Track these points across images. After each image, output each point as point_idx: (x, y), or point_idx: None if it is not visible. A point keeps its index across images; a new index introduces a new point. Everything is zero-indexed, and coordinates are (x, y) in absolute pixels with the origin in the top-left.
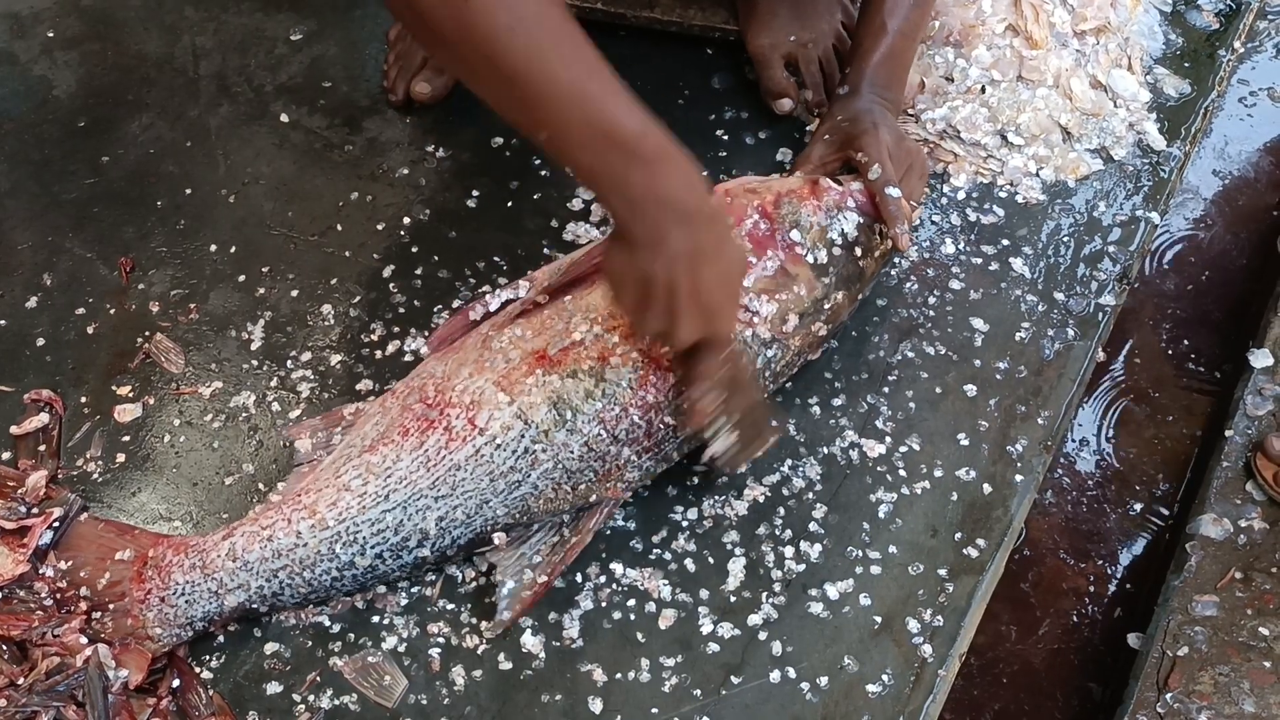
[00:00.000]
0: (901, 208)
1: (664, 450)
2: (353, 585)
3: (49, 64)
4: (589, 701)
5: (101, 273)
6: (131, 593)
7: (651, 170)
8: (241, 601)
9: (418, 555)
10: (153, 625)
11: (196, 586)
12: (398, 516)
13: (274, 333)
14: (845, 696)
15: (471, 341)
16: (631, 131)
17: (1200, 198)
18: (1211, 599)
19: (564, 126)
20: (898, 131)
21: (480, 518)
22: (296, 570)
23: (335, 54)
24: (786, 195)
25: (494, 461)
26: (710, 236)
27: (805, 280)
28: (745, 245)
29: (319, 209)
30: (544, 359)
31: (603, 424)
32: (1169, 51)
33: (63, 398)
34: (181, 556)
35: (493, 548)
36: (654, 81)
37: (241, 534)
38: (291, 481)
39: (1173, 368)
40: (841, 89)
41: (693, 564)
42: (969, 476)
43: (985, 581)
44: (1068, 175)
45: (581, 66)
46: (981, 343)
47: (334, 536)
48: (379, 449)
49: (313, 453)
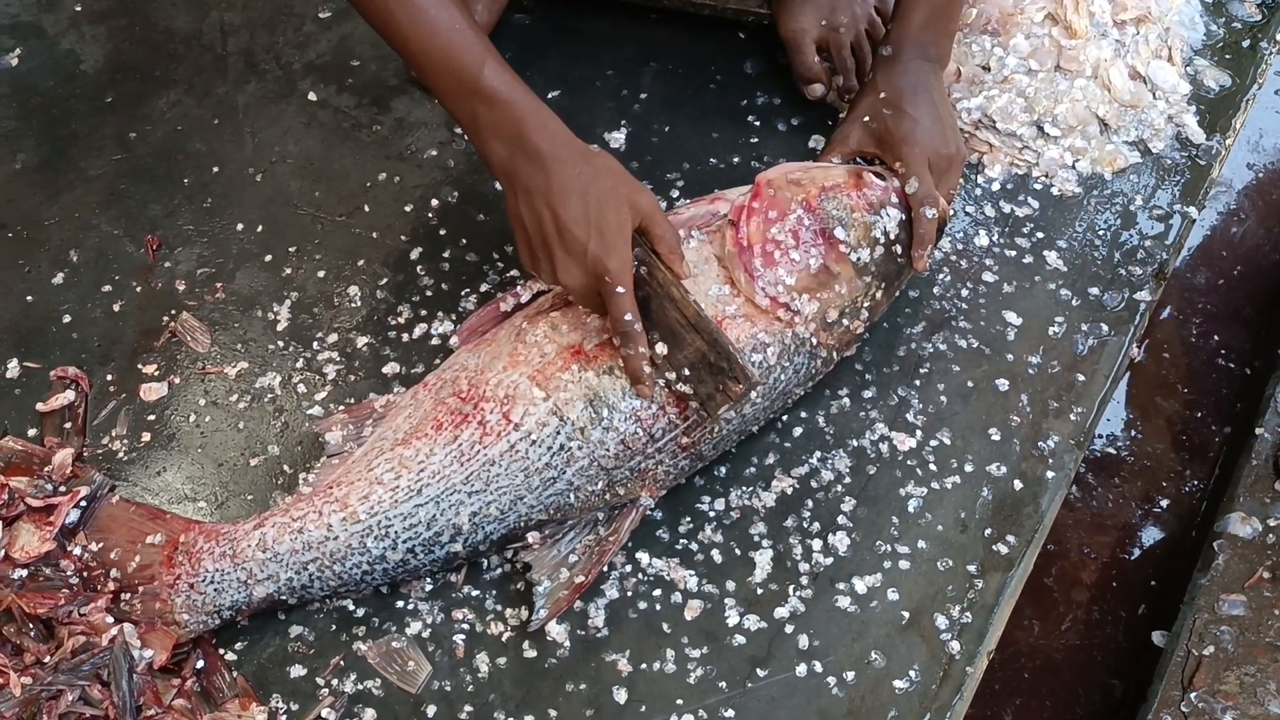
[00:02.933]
0: (930, 231)
1: (700, 449)
2: (382, 579)
3: (77, 38)
4: (613, 691)
5: (128, 250)
6: (161, 576)
7: (499, 113)
8: (270, 593)
9: (450, 550)
10: (180, 611)
11: (226, 575)
12: (430, 511)
13: (300, 313)
14: (872, 692)
15: (504, 333)
16: (475, 76)
17: (1233, 191)
18: (1239, 598)
19: (436, 78)
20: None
21: (514, 514)
22: (327, 563)
23: (364, 32)
24: (831, 190)
25: (529, 458)
26: (570, 174)
27: (847, 279)
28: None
29: (346, 189)
30: (579, 353)
31: (639, 422)
32: (1210, 42)
33: (89, 375)
34: (212, 544)
35: (526, 545)
36: (686, 65)
37: (272, 524)
38: (321, 474)
39: (1202, 363)
40: (884, 49)
41: (719, 555)
42: (1000, 472)
43: (1015, 579)
44: (1104, 168)
45: (442, 24)
46: (1014, 336)
47: (365, 530)
48: (412, 442)
49: (343, 445)
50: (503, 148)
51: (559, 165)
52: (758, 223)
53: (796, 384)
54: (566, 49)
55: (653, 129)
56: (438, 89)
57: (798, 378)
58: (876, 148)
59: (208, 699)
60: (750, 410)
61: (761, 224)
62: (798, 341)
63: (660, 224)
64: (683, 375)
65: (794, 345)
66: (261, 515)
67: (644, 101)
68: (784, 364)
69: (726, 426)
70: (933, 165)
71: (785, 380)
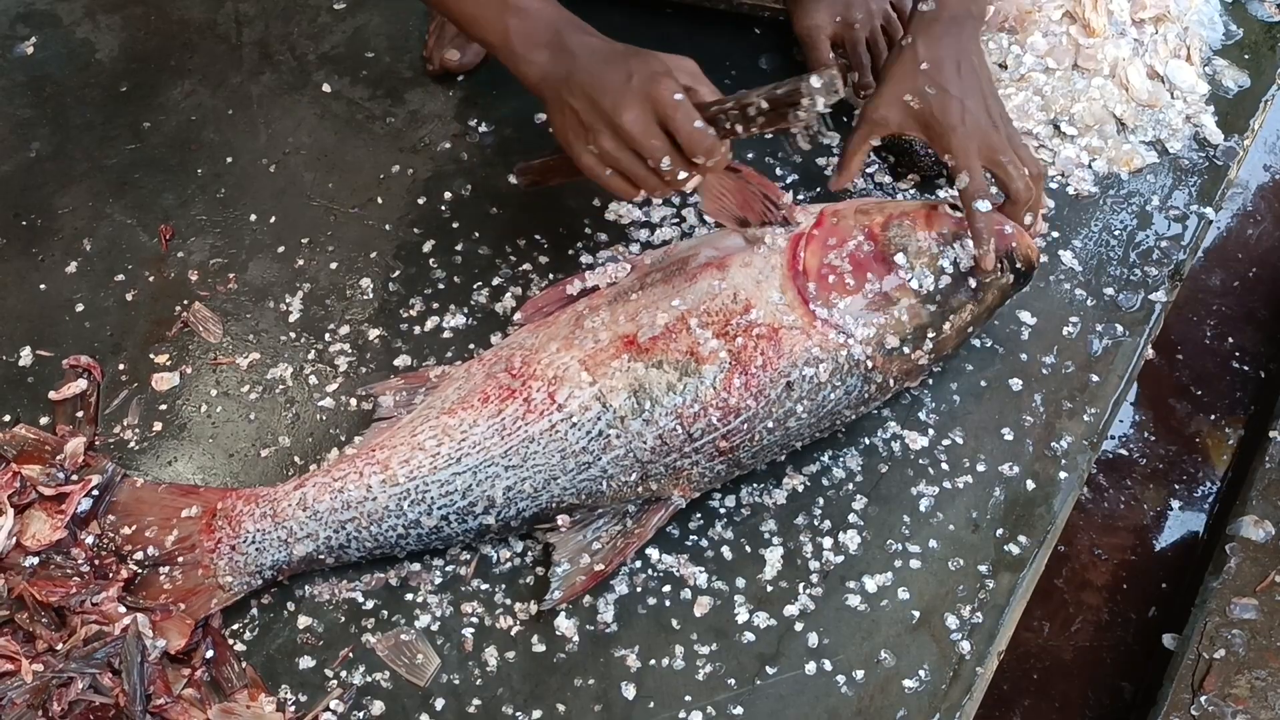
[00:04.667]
0: (988, 225)
1: (738, 455)
2: (417, 544)
3: (92, 27)
4: (622, 687)
5: (141, 240)
6: (202, 544)
7: (532, 22)
8: (310, 551)
9: (482, 522)
10: (224, 573)
11: (267, 534)
12: (467, 481)
13: (312, 305)
14: (881, 691)
15: (565, 317)
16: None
17: (1249, 192)
18: (1250, 602)
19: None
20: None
21: (547, 494)
22: (364, 524)
23: (378, 24)
24: (898, 218)
25: (568, 439)
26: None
27: (908, 306)
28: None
29: (359, 181)
30: (632, 344)
31: (680, 419)
32: (1228, 42)
33: (101, 364)
34: (252, 506)
35: (554, 527)
36: (701, 60)
37: (313, 484)
38: (368, 436)
39: (1216, 365)
40: (925, 4)
41: (730, 552)
42: (1012, 472)
43: (1026, 579)
44: (1121, 167)
45: None
46: (1028, 336)
47: (403, 493)
48: (458, 412)
49: (393, 410)
50: (540, 55)
51: (597, 58)
52: (816, 249)
53: (847, 405)
54: None
55: None
56: (468, 14)
57: (848, 399)
58: (922, 133)
59: (217, 689)
60: (795, 425)
61: (820, 250)
62: (852, 362)
63: (704, 85)
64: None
65: (848, 365)
66: (302, 477)
67: None
68: (834, 383)
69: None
70: (982, 154)
71: (834, 400)
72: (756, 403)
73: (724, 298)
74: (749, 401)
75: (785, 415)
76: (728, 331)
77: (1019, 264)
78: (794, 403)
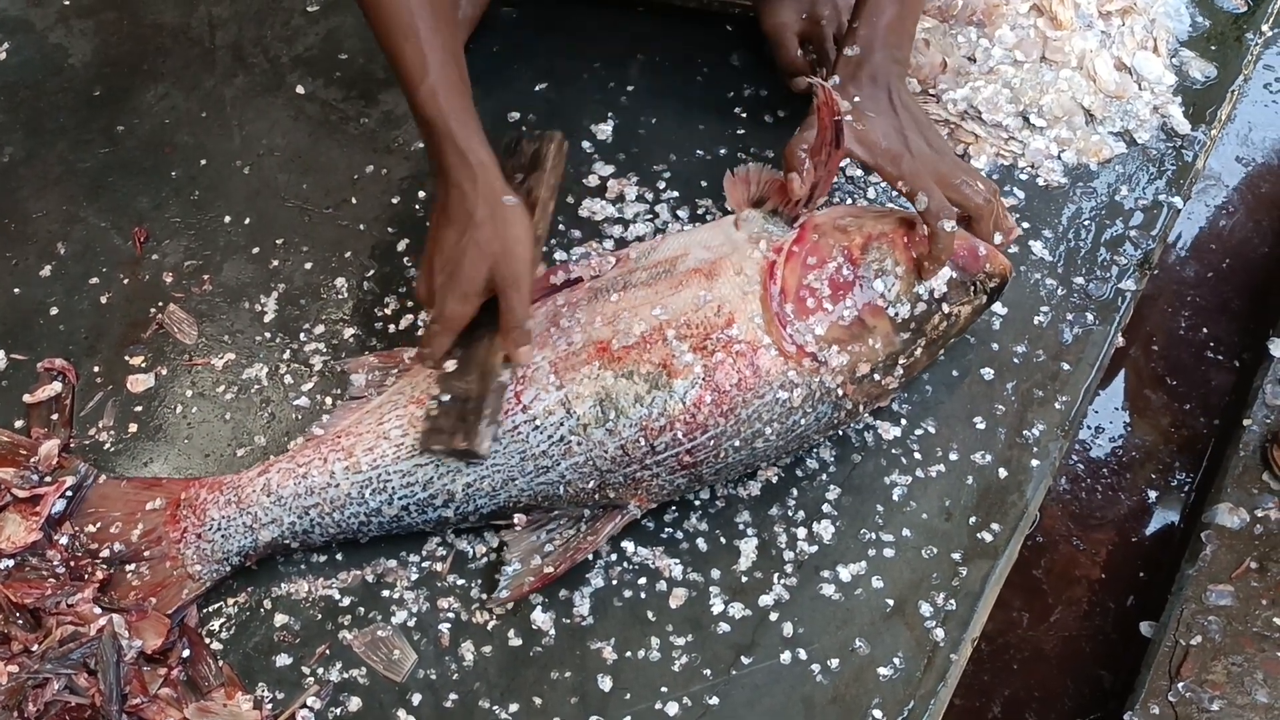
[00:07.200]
0: (949, 245)
1: (700, 471)
2: (379, 531)
3: (65, 32)
4: (598, 679)
5: (115, 242)
6: (168, 535)
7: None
8: (275, 536)
9: (441, 515)
10: (192, 562)
11: (232, 521)
12: (429, 474)
13: (287, 305)
14: (856, 679)
15: (544, 311)
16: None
17: (1222, 184)
18: (1226, 589)
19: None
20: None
21: (505, 493)
22: (327, 510)
23: (352, 25)
24: (877, 239)
25: (529, 441)
26: (458, 209)
27: (883, 334)
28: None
29: (333, 181)
30: (605, 351)
31: (644, 432)
32: (1195, 34)
33: (76, 367)
34: (216, 494)
35: (511, 525)
36: (672, 58)
37: (277, 470)
38: (337, 415)
39: (1191, 355)
40: (850, 49)
41: (704, 543)
42: (984, 460)
43: (999, 566)
44: (1090, 158)
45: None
46: (999, 326)
47: (365, 481)
48: (425, 403)
49: (364, 390)
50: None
51: (456, 194)
52: (794, 268)
53: (816, 431)
54: (553, 42)
55: (639, 121)
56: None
57: (818, 425)
58: (866, 156)
59: (193, 688)
60: (763, 446)
61: (799, 269)
62: (824, 390)
63: (514, 298)
64: (440, 396)
65: (820, 393)
66: (265, 463)
67: (631, 94)
68: (806, 409)
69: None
70: (935, 179)
71: (804, 425)
72: (725, 421)
73: (707, 310)
74: (718, 419)
75: (753, 436)
76: (706, 346)
77: (994, 281)
78: (763, 424)
